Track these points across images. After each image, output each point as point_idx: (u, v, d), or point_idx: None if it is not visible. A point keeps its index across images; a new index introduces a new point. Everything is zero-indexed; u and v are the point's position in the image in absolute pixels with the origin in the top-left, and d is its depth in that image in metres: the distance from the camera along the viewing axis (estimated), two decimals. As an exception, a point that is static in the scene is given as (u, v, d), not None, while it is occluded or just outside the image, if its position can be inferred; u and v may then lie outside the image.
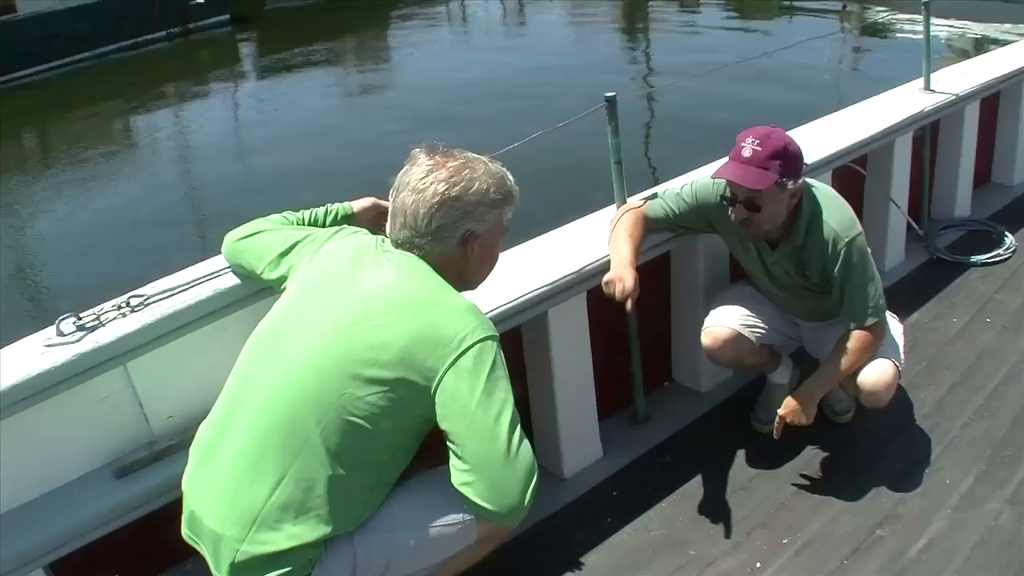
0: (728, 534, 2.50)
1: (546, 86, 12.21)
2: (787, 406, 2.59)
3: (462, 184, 1.82)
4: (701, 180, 2.67)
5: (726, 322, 2.74)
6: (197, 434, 1.87)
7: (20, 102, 15.08)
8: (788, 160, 2.41)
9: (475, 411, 1.68)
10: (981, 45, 12.22)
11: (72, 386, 2.00)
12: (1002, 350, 3.26)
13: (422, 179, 1.82)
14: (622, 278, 2.46)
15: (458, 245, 1.85)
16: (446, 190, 1.81)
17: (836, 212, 2.53)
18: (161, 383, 2.16)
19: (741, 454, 2.83)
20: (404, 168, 1.88)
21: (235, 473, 1.72)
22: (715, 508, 2.61)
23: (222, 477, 1.74)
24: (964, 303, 3.62)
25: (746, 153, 2.40)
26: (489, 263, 1.96)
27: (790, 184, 2.42)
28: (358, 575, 1.77)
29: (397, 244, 1.87)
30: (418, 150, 1.89)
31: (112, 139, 12.86)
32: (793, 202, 2.50)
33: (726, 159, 2.47)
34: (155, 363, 2.11)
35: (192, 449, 1.86)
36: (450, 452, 1.72)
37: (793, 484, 2.68)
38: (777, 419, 2.60)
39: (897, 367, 2.60)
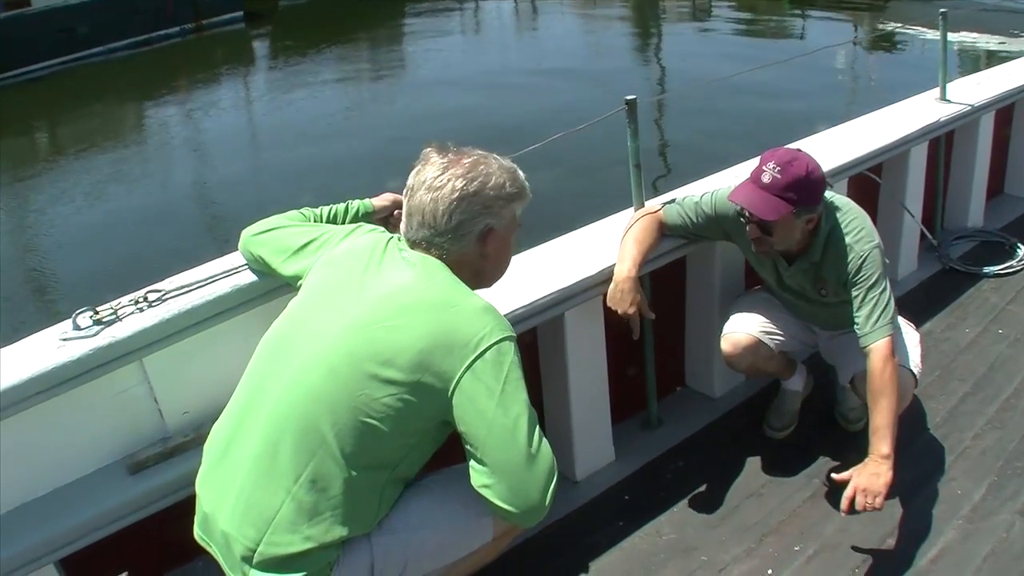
0: (739, 540, 2.50)
1: (560, 94, 12.19)
2: (865, 485, 2.23)
3: (480, 179, 1.80)
4: (721, 191, 2.65)
5: (746, 328, 2.73)
6: (210, 435, 1.86)
7: (32, 96, 15.11)
8: (806, 190, 2.37)
9: (494, 413, 1.66)
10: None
11: (87, 380, 1.99)
12: (1014, 361, 3.25)
13: (438, 176, 1.80)
14: (624, 300, 2.50)
15: (477, 242, 1.83)
16: (464, 185, 1.79)
17: (854, 226, 2.50)
18: (177, 379, 2.15)
19: (753, 460, 2.82)
20: (416, 168, 1.86)
21: (250, 475, 1.71)
22: (726, 514, 2.61)
23: (237, 479, 1.72)
24: (976, 314, 3.62)
25: (765, 179, 2.37)
26: (505, 260, 1.95)
27: (805, 214, 2.41)
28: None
29: (414, 244, 1.84)
30: (429, 149, 1.87)
31: (124, 134, 12.86)
32: (810, 227, 2.48)
33: (747, 176, 2.44)
34: (171, 359, 2.11)
35: (205, 450, 1.84)
36: (468, 454, 1.70)
37: (805, 491, 2.67)
38: (851, 489, 2.25)
39: (915, 377, 2.59)
